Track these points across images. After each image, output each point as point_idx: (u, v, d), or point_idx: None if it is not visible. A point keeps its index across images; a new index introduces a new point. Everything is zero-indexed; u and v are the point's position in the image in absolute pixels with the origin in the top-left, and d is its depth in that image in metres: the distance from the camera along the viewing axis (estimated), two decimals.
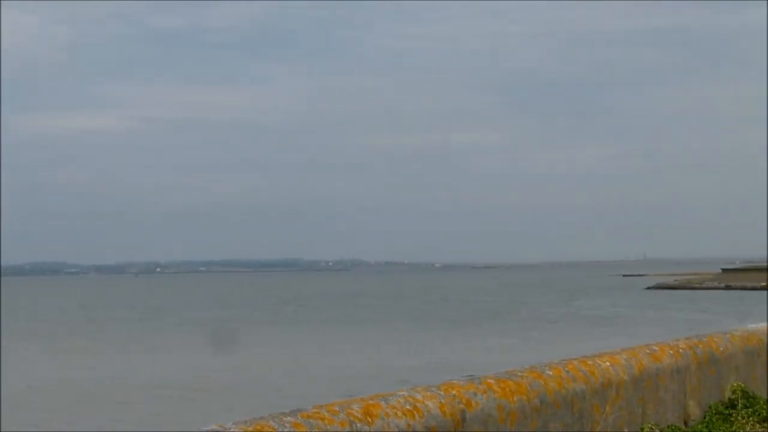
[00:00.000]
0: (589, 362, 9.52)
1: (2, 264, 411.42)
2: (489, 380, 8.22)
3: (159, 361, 51.89)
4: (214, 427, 6.17)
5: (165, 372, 45.73)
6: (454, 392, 7.74)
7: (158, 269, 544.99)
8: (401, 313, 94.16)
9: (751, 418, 11.18)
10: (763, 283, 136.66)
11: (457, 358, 47.69)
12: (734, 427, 10.83)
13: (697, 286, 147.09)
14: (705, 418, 11.01)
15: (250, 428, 6.20)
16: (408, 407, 7.23)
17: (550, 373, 8.89)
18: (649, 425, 9.70)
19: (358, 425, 6.76)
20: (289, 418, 6.46)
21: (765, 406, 11.60)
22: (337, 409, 6.82)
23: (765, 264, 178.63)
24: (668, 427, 10.01)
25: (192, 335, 69.44)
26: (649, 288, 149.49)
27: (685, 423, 10.71)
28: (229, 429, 6.15)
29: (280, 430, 6.28)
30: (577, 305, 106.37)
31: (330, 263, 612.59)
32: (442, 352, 53.16)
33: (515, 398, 8.20)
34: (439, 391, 7.68)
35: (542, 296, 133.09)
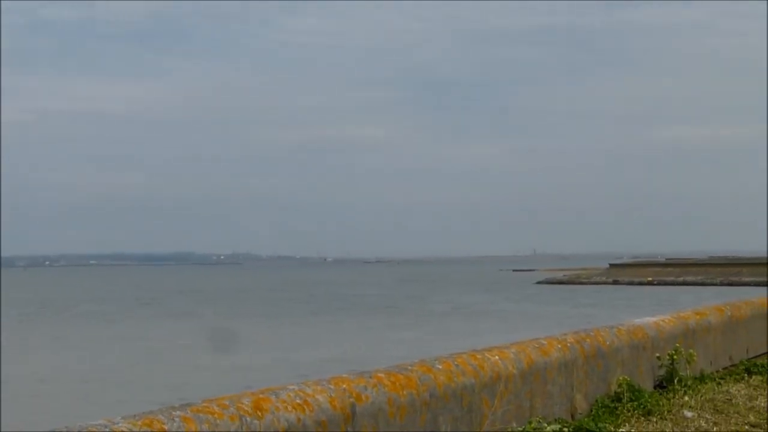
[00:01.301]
0: (479, 356, 9.60)
1: None
2: (379, 374, 8.25)
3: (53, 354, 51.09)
4: (102, 420, 6.11)
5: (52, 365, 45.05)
6: (344, 386, 7.75)
7: (47, 262, 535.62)
8: (297, 307, 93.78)
9: (636, 411, 11.37)
10: (650, 278, 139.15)
11: (352, 352, 47.67)
12: (620, 420, 11.00)
13: (586, 280, 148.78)
14: (591, 411, 11.17)
15: (139, 422, 6.14)
16: (298, 401, 7.23)
17: (440, 367, 8.95)
18: (537, 418, 9.81)
19: (248, 420, 6.74)
20: (178, 413, 6.42)
21: (650, 400, 11.81)
22: (227, 403, 6.79)
23: (651, 260, 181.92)
24: (555, 420, 10.14)
25: (86, 328, 68.45)
26: (538, 282, 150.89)
27: (572, 416, 10.86)
28: (117, 423, 6.09)
29: (169, 424, 6.24)
30: (467, 300, 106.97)
31: (222, 257, 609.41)
32: (338, 345, 53.10)
33: (405, 392, 8.24)
34: (330, 385, 7.69)
35: (435, 291, 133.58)
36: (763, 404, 13.27)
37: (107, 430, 5.96)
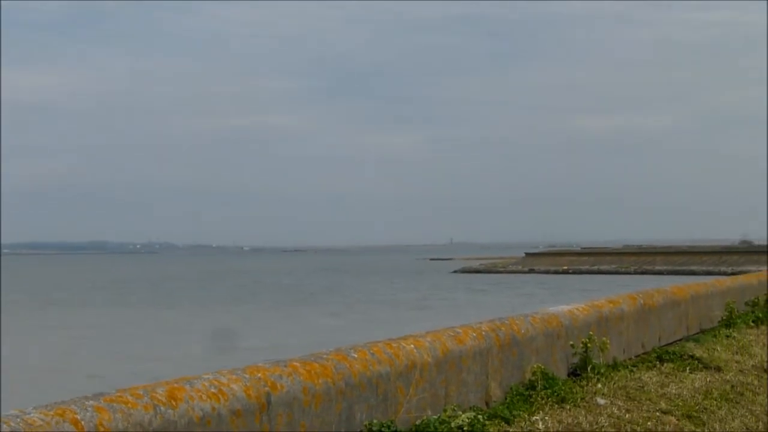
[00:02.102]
0: (394, 345, 9.63)
1: None
2: (294, 363, 8.25)
3: None
4: (13, 411, 6.05)
5: None
6: (259, 375, 7.75)
7: None
8: (221, 296, 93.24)
9: (550, 399, 11.48)
10: (565, 267, 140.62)
11: (275, 341, 47.53)
12: (534, 408, 11.10)
13: (502, 269, 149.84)
14: (506, 399, 11.26)
15: (51, 412, 6.09)
16: (213, 390, 7.21)
17: (355, 355, 8.97)
18: (452, 406, 9.86)
19: (162, 409, 6.71)
20: (91, 402, 6.37)
21: (563, 387, 11.94)
22: (141, 392, 6.75)
23: (566, 249, 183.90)
24: (470, 408, 10.20)
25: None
26: (455, 272, 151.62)
27: (487, 404, 10.94)
28: (29, 413, 6.03)
29: (81, 414, 6.19)
30: (385, 288, 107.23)
31: (138, 246, 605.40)
32: (262, 334, 52.92)
33: (320, 381, 8.25)
34: (245, 374, 7.67)
35: (354, 279, 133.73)
36: (674, 391, 13.47)
37: (19, 420, 5.90)
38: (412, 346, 9.81)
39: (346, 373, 8.62)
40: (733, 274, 59.25)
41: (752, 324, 21.43)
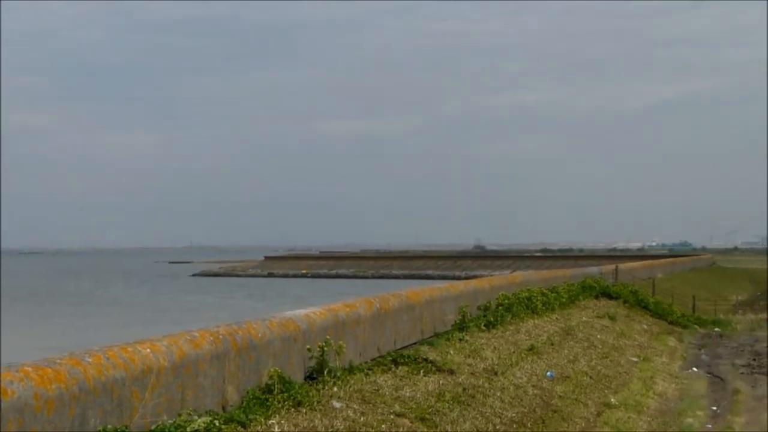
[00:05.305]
0: (130, 349, 9.53)
1: None
2: (26, 368, 8.07)
3: None
4: None
5: None
6: None
7: None
8: None
9: (286, 403, 11.57)
10: (304, 271, 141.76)
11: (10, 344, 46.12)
12: (270, 412, 11.17)
13: (242, 273, 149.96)
14: (243, 403, 11.28)
15: None
16: None
17: (90, 360, 8.83)
18: (188, 411, 9.83)
19: None
20: None
21: (300, 391, 12.05)
22: None
23: (306, 252, 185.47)
24: (206, 412, 10.19)
25: None
26: (194, 275, 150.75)
27: (224, 408, 10.94)
28: None
29: None
30: (122, 291, 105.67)
31: None
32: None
33: (53, 386, 8.09)
34: None
35: (91, 282, 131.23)
36: (408, 394, 13.79)
37: None
38: (149, 350, 9.73)
39: (80, 378, 8.48)
40: (467, 278, 60.90)
41: (484, 328, 22.07)
